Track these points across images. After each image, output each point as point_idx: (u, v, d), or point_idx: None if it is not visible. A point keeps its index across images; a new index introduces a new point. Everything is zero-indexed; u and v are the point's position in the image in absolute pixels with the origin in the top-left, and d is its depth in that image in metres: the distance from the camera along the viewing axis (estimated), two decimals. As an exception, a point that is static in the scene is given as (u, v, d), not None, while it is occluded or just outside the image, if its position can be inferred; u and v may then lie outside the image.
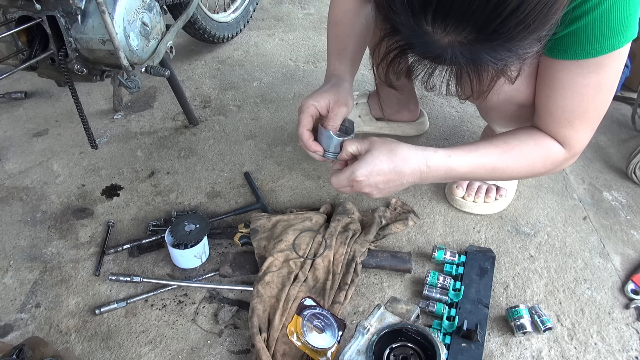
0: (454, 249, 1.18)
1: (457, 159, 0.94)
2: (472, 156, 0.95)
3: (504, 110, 1.04)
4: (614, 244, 1.20)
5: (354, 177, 0.91)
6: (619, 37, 0.79)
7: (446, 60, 0.67)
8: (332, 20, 1.09)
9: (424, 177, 0.94)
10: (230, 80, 1.79)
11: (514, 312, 1.01)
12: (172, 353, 1.00)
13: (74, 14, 1.10)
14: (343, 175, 0.93)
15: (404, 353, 0.88)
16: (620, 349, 1.00)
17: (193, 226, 1.14)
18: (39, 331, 1.04)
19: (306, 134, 0.97)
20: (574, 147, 0.95)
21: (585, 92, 0.87)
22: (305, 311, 1.01)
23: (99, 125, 1.59)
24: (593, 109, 0.90)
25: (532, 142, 0.97)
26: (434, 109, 1.62)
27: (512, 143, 0.97)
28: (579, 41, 0.81)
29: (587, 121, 0.92)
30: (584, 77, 0.85)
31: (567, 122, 0.91)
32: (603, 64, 0.83)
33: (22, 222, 1.28)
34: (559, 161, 0.97)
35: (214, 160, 1.45)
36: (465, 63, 0.66)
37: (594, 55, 0.81)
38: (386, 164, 0.91)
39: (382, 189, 0.94)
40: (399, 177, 0.92)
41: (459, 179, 1.00)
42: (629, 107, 1.57)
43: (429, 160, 0.93)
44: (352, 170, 0.92)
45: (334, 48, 1.07)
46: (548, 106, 0.92)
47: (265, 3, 2.27)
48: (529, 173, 1.00)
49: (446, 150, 0.95)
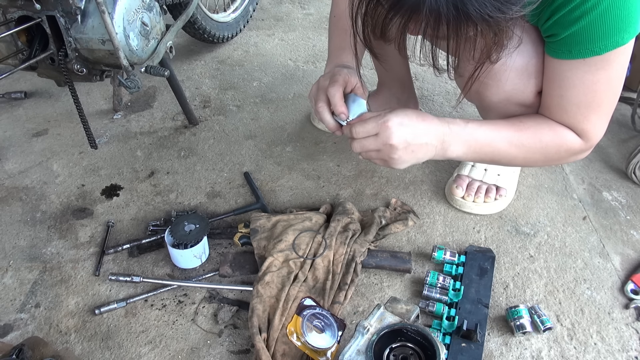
0: (453, 249, 1.18)
1: (475, 127, 0.93)
2: (488, 127, 0.94)
3: (504, 110, 1.04)
4: (614, 244, 1.20)
5: (385, 119, 0.85)
6: (622, 34, 0.79)
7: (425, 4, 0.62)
8: (336, 14, 1.07)
9: (446, 141, 0.91)
10: (230, 80, 1.79)
11: (514, 312, 1.01)
12: (172, 353, 1.00)
13: (74, 13, 1.10)
14: (370, 120, 0.86)
15: (403, 353, 0.88)
16: (620, 349, 1.00)
17: (193, 226, 1.14)
18: (39, 331, 1.04)
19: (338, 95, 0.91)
20: (592, 138, 0.96)
21: (597, 88, 0.88)
22: (305, 311, 1.01)
23: (98, 125, 1.59)
24: (607, 102, 0.91)
25: (547, 127, 0.96)
26: (433, 109, 1.62)
27: (528, 123, 0.96)
28: (582, 41, 0.81)
29: (602, 113, 0.93)
30: (593, 74, 0.86)
31: (584, 117, 0.92)
32: (609, 60, 0.84)
33: (22, 222, 1.28)
34: (575, 150, 0.97)
35: (214, 160, 1.45)
36: (446, 5, 0.62)
37: (599, 53, 0.82)
38: (416, 117, 0.88)
39: (409, 144, 0.87)
40: (426, 132, 0.88)
41: (479, 153, 0.95)
42: (629, 107, 1.57)
43: (450, 123, 0.91)
44: (382, 115, 0.86)
45: (337, 42, 1.05)
46: (562, 105, 0.93)
47: (265, 3, 2.27)
48: (543, 158, 0.98)
49: (463, 119, 0.93)
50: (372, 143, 0.88)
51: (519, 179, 1.33)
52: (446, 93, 1.68)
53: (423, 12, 0.63)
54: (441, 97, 1.67)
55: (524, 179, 1.35)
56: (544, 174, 1.37)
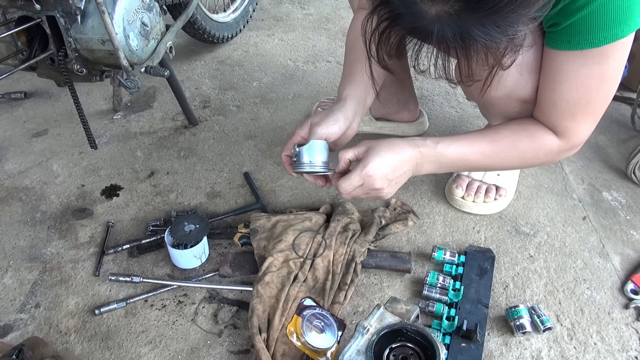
0: (453, 249, 1.18)
1: (446, 145, 0.97)
2: (460, 144, 0.97)
3: (505, 107, 1.04)
4: (614, 244, 1.20)
5: (366, 171, 0.91)
6: (622, 26, 0.79)
7: (434, 35, 0.66)
8: (348, 46, 1.11)
9: (418, 164, 0.97)
10: (229, 81, 1.79)
11: (514, 312, 1.01)
12: (171, 353, 1.00)
13: (74, 14, 1.10)
14: (353, 175, 0.92)
15: (403, 353, 0.88)
16: (620, 348, 1.00)
17: (193, 226, 1.14)
18: (39, 331, 1.04)
19: (285, 158, 1.01)
20: (573, 138, 0.95)
21: (589, 84, 0.87)
22: (305, 311, 1.01)
23: (98, 125, 1.59)
24: (596, 100, 0.90)
25: (524, 133, 0.98)
26: (433, 109, 1.62)
27: (503, 133, 0.99)
28: (582, 31, 0.81)
29: (589, 113, 0.92)
30: (588, 68, 0.86)
31: (570, 114, 0.92)
32: (607, 54, 0.83)
33: (22, 222, 1.28)
34: (554, 152, 0.97)
35: (214, 161, 1.45)
36: (452, 37, 0.65)
37: (598, 45, 0.82)
38: (389, 154, 0.93)
39: (391, 180, 0.94)
40: (402, 164, 0.95)
41: (451, 167, 1.01)
42: (629, 107, 1.57)
43: (419, 146, 0.96)
44: (362, 166, 0.92)
45: (344, 73, 1.08)
46: (553, 99, 0.92)
47: (264, 3, 2.27)
48: (521, 163, 1.01)
49: (435, 138, 0.98)
50: (359, 191, 0.95)
51: (518, 179, 1.33)
52: (446, 93, 1.68)
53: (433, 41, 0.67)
54: (441, 97, 1.67)
55: (523, 179, 1.35)
56: (543, 174, 1.37)
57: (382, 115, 1.48)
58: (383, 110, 1.47)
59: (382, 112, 1.47)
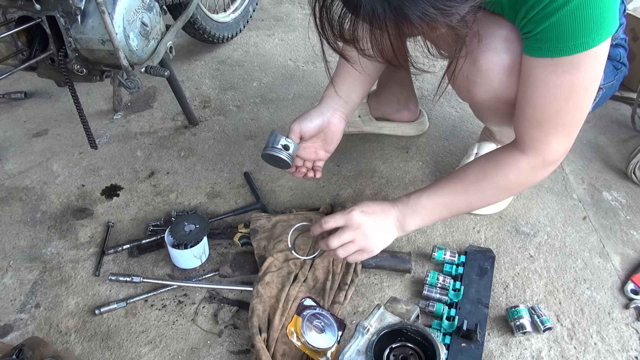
0: (453, 249, 1.18)
1: (418, 195, 1.01)
2: (431, 189, 1.02)
3: (494, 109, 1.04)
4: (614, 244, 1.20)
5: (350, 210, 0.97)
6: (593, 35, 0.77)
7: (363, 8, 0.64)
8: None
9: (399, 218, 1.01)
10: (229, 81, 1.79)
11: (514, 312, 1.01)
12: (171, 353, 1.00)
13: (74, 14, 1.10)
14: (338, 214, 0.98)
15: (403, 353, 0.88)
16: (620, 348, 1.00)
17: (193, 226, 1.14)
18: (39, 331, 1.04)
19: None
20: (543, 151, 0.91)
21: (557, 92, 0.85)
22: (305, 311, 1.01)
23: (98, 125, 1.59)
24: (565, 112, 0.87)
25: (490, 162, 0.99)
26: (433, 109, 1.62)
27: (471, 169, 1.00)
28: (552, 38, 0.80)
29: (558, 125, 0.89)
30: (557, 76, 0.83)
31: (537, 122, 0.89)
32: (578, 64, 0.81)
33: (22, 222, 1.28)
34: (524, 170, 0.94)
35: (214, 161, 1.45)
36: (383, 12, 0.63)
37: (568, 53, 0.79)
38: (372, 203, 1.01)
39: (374, 229, 0.98)
40: (384, 215, 1.00)
41: (433, 215, 1.02)
42: (629, 107, 1.57)
43: (396, 202, 1.02)
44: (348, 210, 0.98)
45: (334, 72, 1.12)
46: (521, 103, 0.91)
47: (265, 3, 2.27)
48: (498, 192, 1.01)
49: (410, 192, 1.03)
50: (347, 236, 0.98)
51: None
52: (446, 93, 1.68)
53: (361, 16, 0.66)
54: (441, 97, 1.67)
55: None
56: (543, 174, 1.37)
57: (382, 115, 1.48)
58: (383, 110, 1.47)
59: (382, 111, 1.47)
